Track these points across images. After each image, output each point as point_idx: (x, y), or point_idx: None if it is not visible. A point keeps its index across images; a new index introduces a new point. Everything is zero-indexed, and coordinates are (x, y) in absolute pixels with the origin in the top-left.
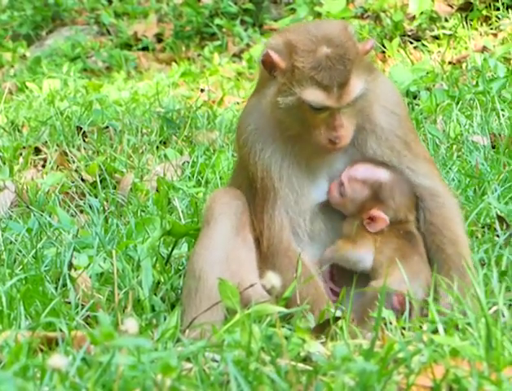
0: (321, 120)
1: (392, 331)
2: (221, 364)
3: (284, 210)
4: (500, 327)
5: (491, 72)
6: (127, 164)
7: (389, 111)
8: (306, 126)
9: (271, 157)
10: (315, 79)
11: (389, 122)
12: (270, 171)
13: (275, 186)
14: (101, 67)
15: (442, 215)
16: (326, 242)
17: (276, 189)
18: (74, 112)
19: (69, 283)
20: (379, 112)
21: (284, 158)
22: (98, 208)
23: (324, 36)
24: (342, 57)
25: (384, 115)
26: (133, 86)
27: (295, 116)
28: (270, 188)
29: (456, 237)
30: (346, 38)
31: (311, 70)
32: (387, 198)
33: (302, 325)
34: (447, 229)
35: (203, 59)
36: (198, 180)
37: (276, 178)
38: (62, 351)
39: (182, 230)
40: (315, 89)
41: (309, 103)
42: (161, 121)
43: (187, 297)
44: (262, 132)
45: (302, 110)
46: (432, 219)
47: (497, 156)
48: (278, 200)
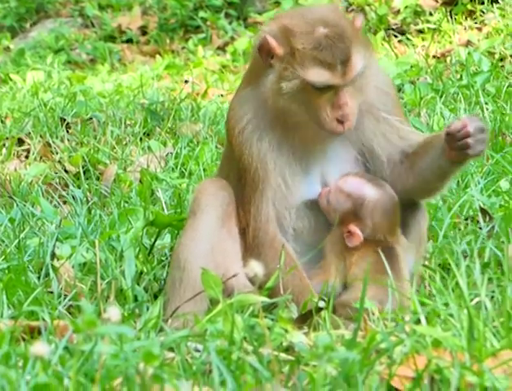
0: (326, 100)
1: (374, 321)
2: (203, 353)
3: (272, 202)
4: (483, 319)
5: (475, 66)
6: (111, 156)
7: (382, 91)
8: (312, 110)
9: (268, 147)
10: (318, 58)
11: (383, 102)
12: (265, 161)
13: (268, 177)
14: (85, 59)
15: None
16: (310, 241)
17: (268, 180)
18: (58, 104)
19: (52, 273)
20: (373, 92)
21: (281, 149)
22: (81, 198)
23: (319, 17)
24: (341, 35)
25: (377, 95)
26: (117, 78)
27: (299, 101)
28: (261, 179)
29: None
30: (340, 18)
31: (312, 50)
32: (366, 216)
33: (284, 315)
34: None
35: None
36: (182, 171)
37: (270, 169)
38: (44, 340)
39: (165, 220)
40: (318, 68)
41: (314, 84)
42: (144, 113)
43: (171, 287)
44: (259, 121)
45: (306, 93)
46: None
47: None
48: (268, 192)
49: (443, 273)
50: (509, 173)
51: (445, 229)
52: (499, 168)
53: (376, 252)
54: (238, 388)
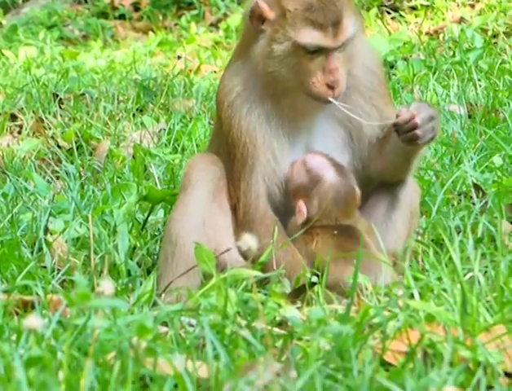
0: (317, 65)
1: (368, 296)
2: (197, 328)
3: (262, 178)
4: (476, 293)
5: (468, 43)
6: (103, 131)
7: (369, 69)
8: (302, 75)
9: (257, 120)
10: (310, 19)
11: (370, 80)
12: (254, 136)
13: (257, 152)
14: (78, 35)
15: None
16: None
17: (257, 155)
18: (50, 79)
19: (45, 248)
20: (360, 69)
21: (270, 122)
22: (74, 174)
23: None
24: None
25: (365, 73)
26: (109, 55)
27: (290, 65)
28: (250, 154)
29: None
30: None
31: (304, 11)
32: (316, 197)
33: (277, 290)
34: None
35: (180, 29)
36: (174, 147)
37: (259, 143)
38: (38, 314)
39: (158, 195)
40: (310, 30)
41: (304, 45)
42: (137, 89)
43: (163, 262)
44: (249, 93)
45: (297, 56)
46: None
47: (474, 125)
48: (257, 167)
49: (436, 248)
50: (502, 148)
51: (438, 204)
52: (492, 144)
53: (336, 235)
54: (231, 362)
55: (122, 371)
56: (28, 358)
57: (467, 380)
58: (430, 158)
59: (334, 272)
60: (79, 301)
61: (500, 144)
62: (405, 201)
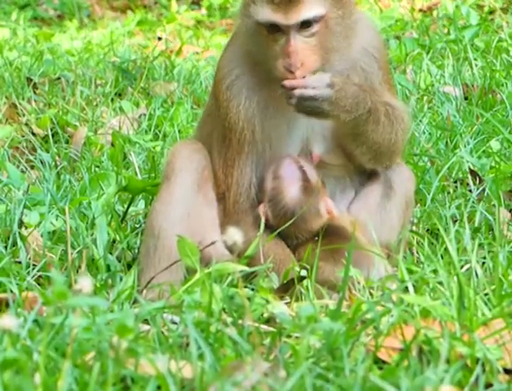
0: (279, 47)
1: (360, 290)
2: (180, 326)
3: (256, 167)
4: (473, 286)
5: (463, 20)
6: (80, 118)
7: (369, 54)
8: (269, 56)
9: (256, 108)
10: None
11: (369, 64)
12: (252, 122)
13: (255, 139)
14: (52, 15)
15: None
16: None
17: (254, 142)
18: (24, 63)
19: (20, 242)
20: (359, 52)
21: (268, 110)
22: (49, 163)
23: None
24: None
25: (363, 56)
26: (86, 36)
27: (258, 44)
28: (247, 141)
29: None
30: None
31: None
32: (271, 209)
33: (265, 285)
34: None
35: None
36: (155, 134)
37: (258, 131)
38: (12, 313)
39: (139, 185)
40: (265, 5)
41: (259, 22)
42: (116, 72)
43: (145, 256)
44: (249, 78)
45: (261, 35)
46: None
47: (470, 108)
48: (252, 155)
49: (431, 239)
50: (500, 132)
51: (433, 192)
52: (489, 127)
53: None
54: (217, 361)
55: (102, 372)
56: (2, 360)
57: (465, 377)
58: (425, 143)
59: (324, 272)
60: (56, 300)
61: (498, 127)
62: (400, 191)
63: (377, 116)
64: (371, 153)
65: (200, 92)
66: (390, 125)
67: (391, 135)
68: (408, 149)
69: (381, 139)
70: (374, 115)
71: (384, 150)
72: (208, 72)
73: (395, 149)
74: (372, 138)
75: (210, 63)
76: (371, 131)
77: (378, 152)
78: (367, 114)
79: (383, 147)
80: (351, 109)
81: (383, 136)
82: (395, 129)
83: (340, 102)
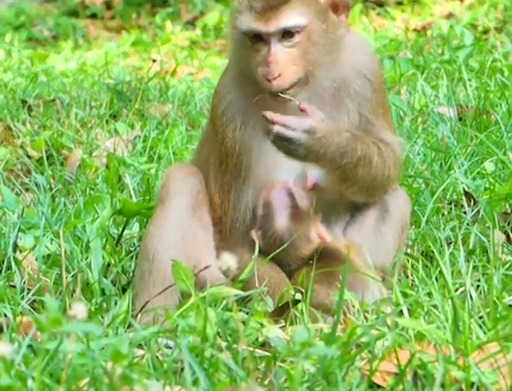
0: (260, 57)
1: (354, 314)
2: (175, 350)
3: (252, 191)
4: (468, 309)
5: (457, 40)
6: (75, 140)
7: (362, 75)
8: (252, 67)
9: (253, 131)
10: (250, 4)
11: (362, 87)
12: (250, 146)
13: (251, 164)
14: (47, 36)
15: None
16: None
17: (251, 167)
18: (19, 85)
19: (14, 266)
20: (352, 74)
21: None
22: (44, 186)
23: None
24: None
25: (357, 78)
26: (81, 56)
27: (243, 56)
28: (243, 166)
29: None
30: None
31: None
32: (261, 236)
33: (260, 308)
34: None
35: (155, 27)
36: (150, 156)
37: (254, 156)
38: (7, 338)
39: (133, 208)
40: (247, 14)
41: (242, 31)
42: (110, 94)
43: (139, 280)
44: (245, 103)
45: (244, 46)
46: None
47: (464, 129)
48: (250, 180)
49: (425, 261)
50: (494, 153)
51: (428, 214)
52: (483, 148)
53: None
54: (212, 387)
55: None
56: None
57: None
58: (419, 164)
59: (319, 295)
60: (50, 326)
61: (492, 149)
62: (396, 214)
63: (368, 160)
64: (362, 190)
65: (195, 114)
66: (382, 163)
67: (384, 171)
68: (402, 171)
69: (373, 178)
70: (365, 160)
71: (376, 185)
72: (203, 93)
73: (387, 183)
74: (363, 179)
75: (205, 85)
76: (361, 175)
77: (370, 188)
78: (356, 161)
79: (375, 183)
80: (334, 158)
81: (375, 174)
82: (387, 165)
83: (318, 149)
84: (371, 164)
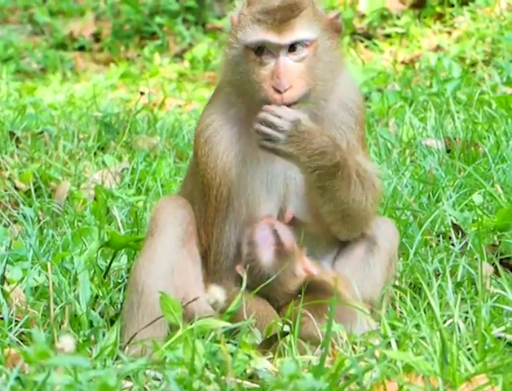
0: (267, 70)
1: (343, 346)
2: (163, 382)
3: (235, 225)
4: (456, 341)
5: (445, 73)
6: (63, 172)
7: (349, 108)
8: (254, 81)
9: (234, 160)
10: (257, 18)
11: (347, 120)
12: (229, 177)
13: (231, 196)
14: (35, 68)
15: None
16: None
17: (231, 199)
18: (7, 117)
19: (2, 298)
20: (338, 106)
21: (246, 162)
22: (32, 218)
23: None
24: (294, 4)
25: (343, 111)
26: (69, 89)
27: (243, 71)
28: (224, 198)
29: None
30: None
31: (255, 13)
32: (247, 273)
33: (248, 340)
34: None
35: (143, 60)
36: (138, 188)
37: (234, 186)
38: None
39: (121, 241)
40: (256, 27)
41: (250, 44)
42: (98, 126)
43: (128, 312)
44: (227, 130)
45: (248, 60)
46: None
47: (452, 161)
48: (230, 213)
49: (413, 293)
50: (482, 186)
51: (416, 246)
52: (471, 181)
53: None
54: None
55: None
56: None
57: None
58: (407, 196)
59: (307, 327)
60: (38, 359)
61: (480, 181)
62: (384, 247)
63: (346, 173)
64: (338, 214)
65: (183, 146)
66: (360, 186)
67: (362, 197)
68: (390, 203)
69: (351, 199)
70: (343, 171)
71: (352, 213)
72: (191, 125)
73: (364, 215)
74: (339, 195)
75: (193, 117)
76: (338, 188)
77: (346, 214)
78: (334, 168)
79: (352, 210)
80: (313, 155)
81: (352, 196)
82: (365, 191)
83: (298, 142)
84: (349, 179)
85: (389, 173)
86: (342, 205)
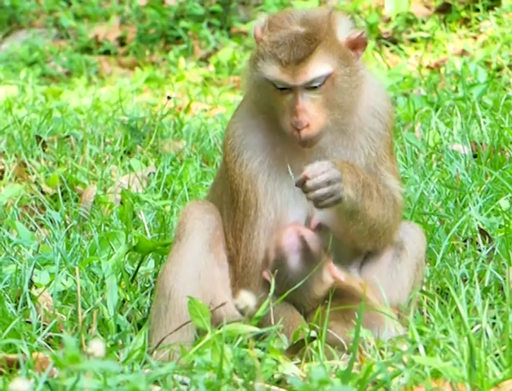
0: (287, 103)
1: (370, 351)
2: (191, 387)
3: (263, 231)
4: (484, 347)
5: (471, 77)
6: (89, 176)
7: (377, 113)
8: (276, 110)
9: (259, 167)
10: (274, 53)
11: (374, 123)
12: (255, 184)
13: (258, 202)
14: (61, 72)
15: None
16: None
17: (259, 205)
18: (33, 121)
19: (30, 302)
20: (367, 111)
21: (272, 169)
22: (59, 222)
23: (303, 17)
24: (309, 35)
25: (372, 116)
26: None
27: (266, 96)
28: (252, 203)
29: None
30: (322, 20)
31: (272, 44)
32: (275, 279)
33: (275, 346)
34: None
35: (168, 64)
36: (165, 192)
37: (261, 193)
38: (23, 374)
39: (148, 245)
40: (272, 64)
41: (267, 78)
42: (124, 130)
43: (156, 317)
44: (252, 138)
45: (269, 89)
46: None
47: (479, 166)
48: (258, 219)
49: (441, 299)
50: (509, 191)
51: (443, 251)
52: (498, 186)
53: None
54: None
55: None
56: None
57: None
58: (434, 202)
59: (335, 332)
60: (68, 363)
61: (507, 186)
62: (411, 252)
63: (369, 191)
64: (366, 231)
65: (209, 150)
66: (381, 201)
67: (384, 211)
68: (417, 208)
69: (376, 215)
70: (367, 189)
71: (378, 227)
72: (217, 130)
73: (388, 227)
74: (368, 214)
75: (219, 121)
76: (367, 207)
77: (373, 230)
78: (362, 189)
79: (377, 225)
80: (356, 184)
81: (377, 211)
82: (386, 205)
83: (349, 178)
84: (372, 197)
85: (416, 178)
86: (371, 222)
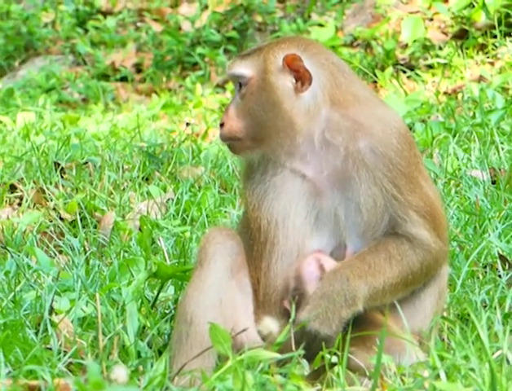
0: None
1: (392, 377)
2: None
3: (281, 258)
4: (505, 373)
5: (488, 103)
6: (108, 202)
7: (379, 151)
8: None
9: (264, 195)
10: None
11: (376, 162)
12: (263, 211)
13: (277, 234)
14: (77, 98)
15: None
16: None
17: (278, 237)
18: (51, 147)
19: (50, 329)
20: (367, 148)
21: (278, 197)
22: (78, 248)
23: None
24: (261, 46)
25: (372, 153)
26: (112, 119)
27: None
28: (265, 231)
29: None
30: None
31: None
32: (294, 304)
33: (296, 371)
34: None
35: (185, 90)
36: (183, 218)
37: (273, 220)
38: None
39: (168, 271)
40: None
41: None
42: (142, 156)
43: (177, 342)
44: (255, 167)
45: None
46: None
47: (498, 192)
48: (275, 246)
49: (462, 325)
50: None
51: (463, 277)
52: None
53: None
54: None
55: None
56: None
57: None
58: (453, 228)
59: (356, 358)
60: (92, 390)
61: None
62: (434, 280)
63: (378, 277)
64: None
65: (228, 176)
66: (397, 266)
67: (405, 272)
68: None
69: (395, 283)
70: (375, 278)
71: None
72: (234, 156)
73: (426, 271)
74: (387, 290)
75: None
76: (382, 288)
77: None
78: (368, 291)
79: (401, 285)
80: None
81: (395, 280)
82: (405, 264)
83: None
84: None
85: None
86: (387, 297)
